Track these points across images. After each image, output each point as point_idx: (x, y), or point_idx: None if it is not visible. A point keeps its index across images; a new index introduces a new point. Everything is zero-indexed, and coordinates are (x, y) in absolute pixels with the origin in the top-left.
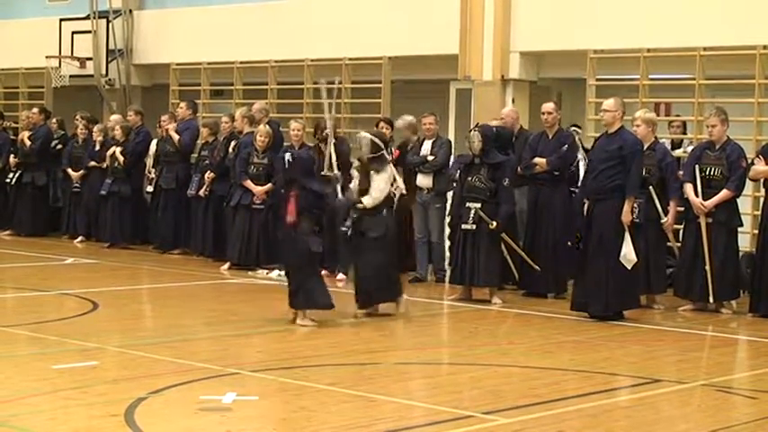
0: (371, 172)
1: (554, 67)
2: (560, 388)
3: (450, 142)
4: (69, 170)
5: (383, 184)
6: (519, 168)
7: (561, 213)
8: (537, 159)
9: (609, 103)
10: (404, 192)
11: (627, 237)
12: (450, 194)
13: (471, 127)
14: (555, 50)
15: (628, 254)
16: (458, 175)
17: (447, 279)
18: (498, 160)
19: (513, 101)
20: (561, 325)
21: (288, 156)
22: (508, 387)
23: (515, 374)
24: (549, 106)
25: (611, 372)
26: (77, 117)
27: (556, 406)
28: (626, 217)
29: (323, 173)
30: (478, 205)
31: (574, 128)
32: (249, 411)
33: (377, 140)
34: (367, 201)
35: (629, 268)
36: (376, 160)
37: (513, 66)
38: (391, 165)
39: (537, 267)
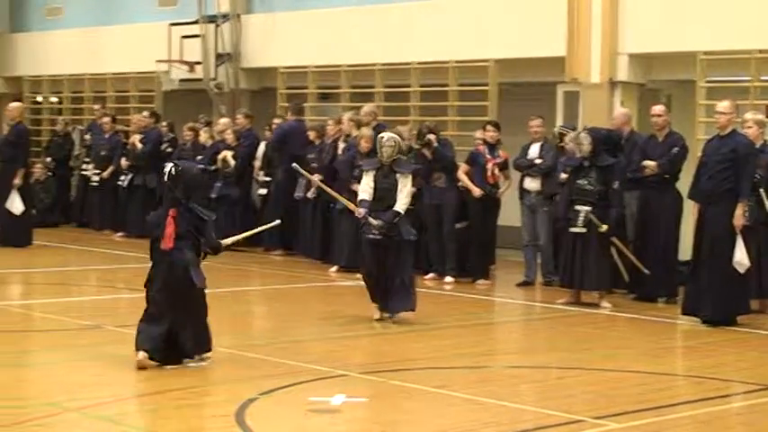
0: (397, 175)
1: (663, 70)
2: (672, 394)
3: (557, 145)
4: None
5: (409, 186)
6: (628, 171)
7: (671, 216)
8: (647, 162)
9: (724, 105)
10: None
11: (739, 241)
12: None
13: (579, 129)
14: (664, 52)
15: (741, 258)
16: (565, 177)
17: (556, 282)
18: (608, 163)
19: (621, 103)
20: (672, 329)
21: (169, 167)
22: (619, 392)
23: (626, 379)
24: (658, 109)
25: (723, 378)
26: (200, 120)
27: (667, 412)
28: (738, 221)
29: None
30: (588, 208)
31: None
32: (358, 413)
33: (402, 141)
34: (401, 207)
35: (743, 273)
36: (400, 162)
37: (621, 68)
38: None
39: (646, 270)
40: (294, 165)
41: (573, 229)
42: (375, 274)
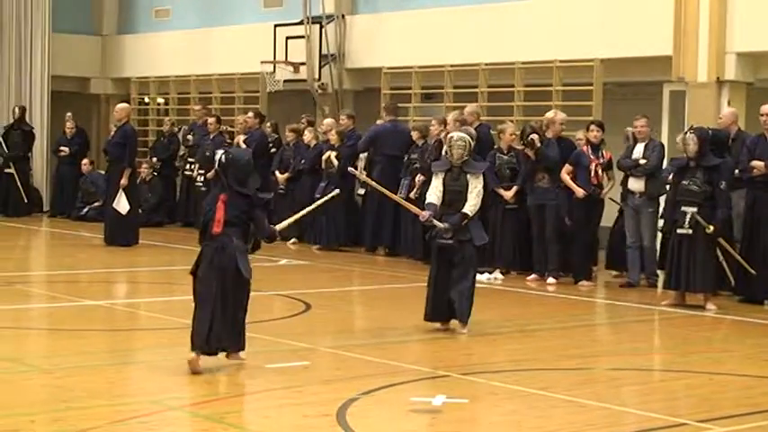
0: (468, 176)
1: None
2: None
3: (662, 145)
4: (276, 173)
5: (480, 187)
6: (736, 171)
7: None
8: (755, 162)
9: None
10: None
11: None
12: (662, 198)
13: (685, 129)
14: None
15: None
16: (671, 178)
17: (660, 284)
18: (714, 163)
19: (728, 103)
20: None
21: (220, 154)
22: (724, 395)
23: (731, 383)
24: (767, 108)
25: None
26: (302, 120)
27: None
28: None
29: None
30: (695, 209)
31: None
32: (459, 414)
33: (471, 140)
34: (469, 209)
35: None
36: (471, 163)
37: (728, 67)
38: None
39: (753, 271)
40: (350, 168)
41: (679, 231)
42: (439, 285)
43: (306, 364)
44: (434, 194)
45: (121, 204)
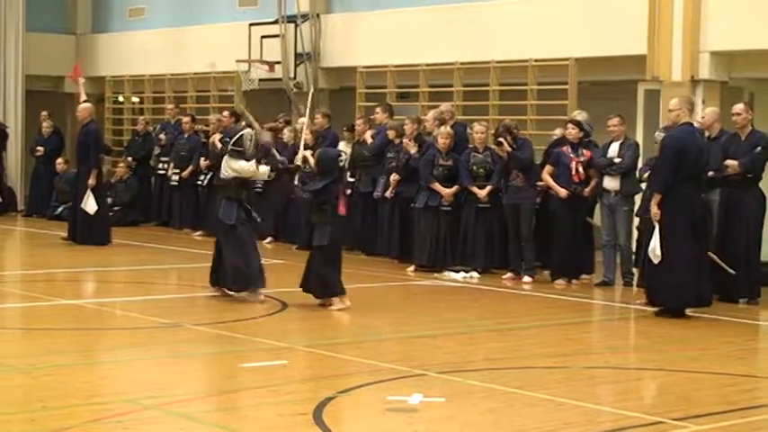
0: None
1: (746, 67)
2: (754, 396)
3: (637, 144)
4: None
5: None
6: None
7: (753, 215)
8: (728, 161)
9: None
10: None
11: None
12: (638, 197)
13: (659, 128)
14: (747, 50)
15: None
16: (646, 176)
17: (635, 282)
18: None
19: (703, 102)
20: (755, 331)
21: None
22: (699, 393)
23: (707, 381)
24: (739, 107)
25: None
26: (279, 120)
27: (750, 414)
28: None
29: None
30: None
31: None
32: (436, 413)
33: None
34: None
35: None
36: None
37: (702, 66)
38: None
39: (731, 271)
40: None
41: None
42: None
43: (283, 364)
44: None
45: (89, 205)
